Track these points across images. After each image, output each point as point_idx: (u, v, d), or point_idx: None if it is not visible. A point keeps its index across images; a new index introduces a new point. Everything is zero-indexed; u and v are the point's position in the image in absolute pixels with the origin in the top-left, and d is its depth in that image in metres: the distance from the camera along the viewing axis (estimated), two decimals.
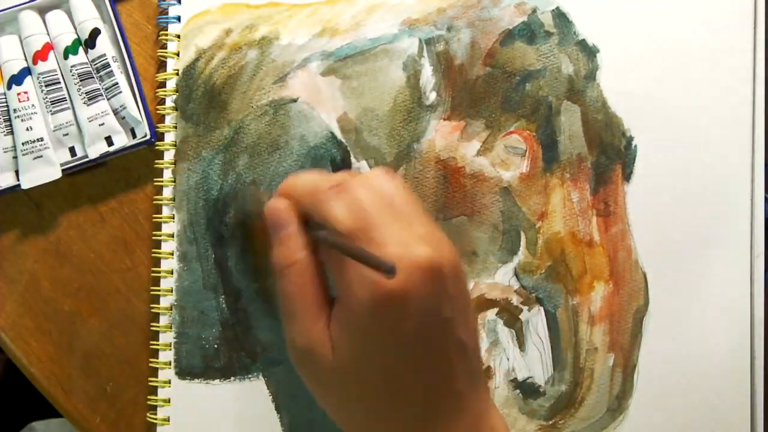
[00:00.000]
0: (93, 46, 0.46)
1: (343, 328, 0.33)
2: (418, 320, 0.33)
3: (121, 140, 0.47)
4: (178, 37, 0.47)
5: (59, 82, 0.46)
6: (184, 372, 0.46)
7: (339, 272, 0.33)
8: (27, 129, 0.45)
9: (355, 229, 0.32)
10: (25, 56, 0.46)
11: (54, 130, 0.46)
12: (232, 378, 0.46)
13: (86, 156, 0.46)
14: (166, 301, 0.47)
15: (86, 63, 0.46)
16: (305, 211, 0.35)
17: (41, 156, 0.46)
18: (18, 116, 0.45)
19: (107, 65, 0.46)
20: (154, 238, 0.47)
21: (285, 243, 0.35)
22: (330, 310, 0.35)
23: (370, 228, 0.33)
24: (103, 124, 0.46)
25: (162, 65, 0.48)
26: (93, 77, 0.46)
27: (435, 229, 0.35)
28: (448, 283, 0.34)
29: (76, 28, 0.46)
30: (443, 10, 0.46)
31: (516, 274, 0.46)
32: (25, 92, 0.46)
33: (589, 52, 0.46)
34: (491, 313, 0.46)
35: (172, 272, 0.47)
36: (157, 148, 0.47)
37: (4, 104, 0.46)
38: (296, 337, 0.35)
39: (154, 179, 0.47)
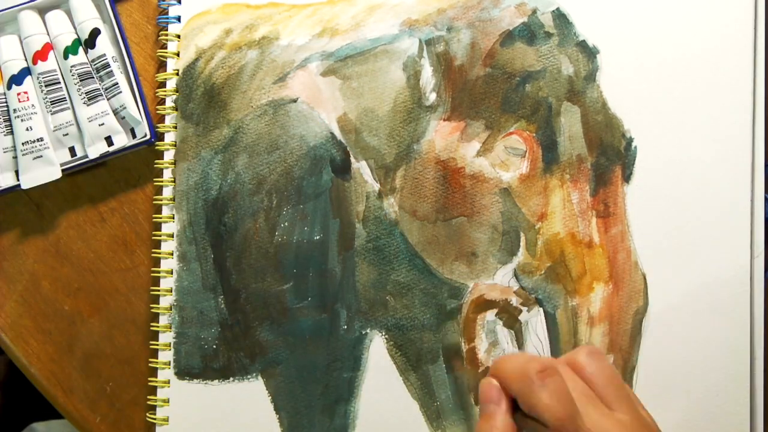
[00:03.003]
0: (93, 46, 0.46)
1: None
2: None
3: (121, 140, 0.47)
4: (178, 37, 0.47)
5: (59, 82, 0.46)
6: (183, 372, 0.46)
7: None
8: (27, 129, 0.45)
9: (562, 418, 0.34)
10: (25, 56, 0.46)
11: (54, 130, 0.46)
12: (231, 378, 0.46)
13: (86, 156, 0.46)
14: (165, 301, 0.47)
15: (86, 63, 0.46)
16: (512, 394, 0.36)
17: (41, 156, 0.46)
18: (18, 116, 0.45)
19: (107, 65, 0.46)
20: (154, 238, 0.47)
21: (488, 419, 0.36)
22: None
23: (575, 416, 0.34)
24: (103, 124, 0.46)
25: (162, 65, 0.48)
26: (93, 77, 0.46)
27: (639, 415, 0.36)
28: None
29: (76, 28, 0.46)
30: (443, 10, 0.46)
31: (515, 275, 0.46)
32: (25, 92, 0.46)
33: (589, 53, 0.46)
34: (490, 314, 0.46)
35: (171, 272, 0.47)
36: (157, 148, 0.47)
37: (4, 104, 0.46)
38: None
39: (154, 179, 0.47)
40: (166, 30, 0.48)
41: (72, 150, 0.47)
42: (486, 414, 0.37)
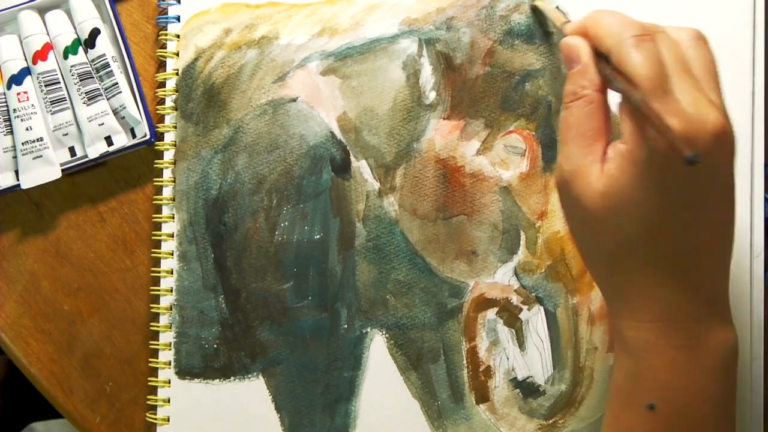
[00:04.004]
0: (93, 46, 0.46)
1: (618, 167, 0.34)
2: (694, 182, 0.33)
3: (121, 140, 0.47)
4: (178, 36, 0.48)
5: (59, 82, 0.46)
6: (184, 372, 0.46)
7: (628, 113, 0.34)
8: (27, 129, 0.45)
9: (653, 78, 0.32)
10: (24, 56, 0.46)
11: (54, 130, 0.46)
12: (232, 378, 0.46)
13: (86, 156, 0.46)
14: (165, 301, 0.47)
15: (86, 63, 0.46)
16: (603, 50, 0.35)
17: (41, 156, 0.46)
18: (18, 116, 0.45)
19: (107, 65, 0.46)
20: (154, 238, 0.47)
21: (575, 79, 0.36)
22: (606, 146, 0.35)
23: (665, 82, 0.33)
24: (102, 124, 0.46)
25: (162, 65, 0.48)
26: (93, 77, 0.46)
27: (724, 105, 0.35)
28: (729, 159, 0.34)
29: (75, 28, 0.46)
30: (443, 9, 0.46)
31: (516, 274, 0.46)
32: (25, 92, 0.46)
33: None
34: (491, 313, 0.46)
35: (171, 272, 0.47)
36: (156, 147, 0.47)
37: (4, 104, 0.46)
38: (564, 160, 0.36)
39: (154, 179, 0.47)
40: (166, 30, 0.48)
41: (72, 150, 0.47)
42: (571, 74, 0.36)
